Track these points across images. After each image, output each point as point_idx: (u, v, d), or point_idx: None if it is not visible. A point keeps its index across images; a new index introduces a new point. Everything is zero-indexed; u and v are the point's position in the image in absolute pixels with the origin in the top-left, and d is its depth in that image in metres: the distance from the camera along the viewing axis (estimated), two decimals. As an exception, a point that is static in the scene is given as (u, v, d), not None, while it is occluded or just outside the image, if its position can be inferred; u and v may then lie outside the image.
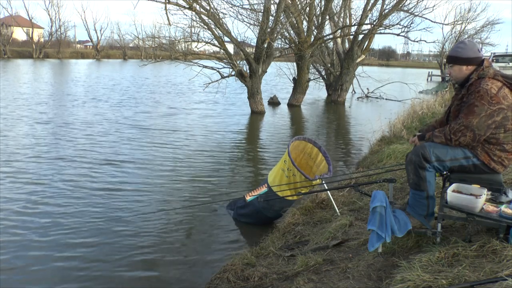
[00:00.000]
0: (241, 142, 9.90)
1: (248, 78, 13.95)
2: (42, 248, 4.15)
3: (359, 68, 20.02)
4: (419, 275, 2.24)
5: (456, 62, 2.80)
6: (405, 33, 17.74)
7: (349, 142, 10.53)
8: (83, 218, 4.88)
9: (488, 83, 2.64)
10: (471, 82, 2.72)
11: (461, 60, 2.78)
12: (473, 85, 2.70)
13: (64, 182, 6.08)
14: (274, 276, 3.18)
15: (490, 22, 35.76)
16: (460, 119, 2.68)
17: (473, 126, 2.62)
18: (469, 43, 2.87)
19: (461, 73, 2.80)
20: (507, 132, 2.67)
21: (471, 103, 2.64)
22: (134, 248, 4.23)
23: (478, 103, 2.61)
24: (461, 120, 2.67)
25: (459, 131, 2.66)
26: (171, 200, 5.61)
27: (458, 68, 2.80)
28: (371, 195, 2.84)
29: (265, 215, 4.83)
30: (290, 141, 4.92)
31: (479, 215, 2.53)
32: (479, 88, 2.64)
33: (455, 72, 2.83)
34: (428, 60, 79.63)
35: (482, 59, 2.76)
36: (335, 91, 19.29)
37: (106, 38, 62.63)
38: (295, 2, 15.83)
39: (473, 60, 2.75)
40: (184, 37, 14.52)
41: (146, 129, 10.45)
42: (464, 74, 2.79)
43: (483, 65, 2.74)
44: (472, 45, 2.82)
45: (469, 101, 2.66)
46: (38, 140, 8.64)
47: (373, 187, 4.89)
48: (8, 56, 45.28)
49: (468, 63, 2.76)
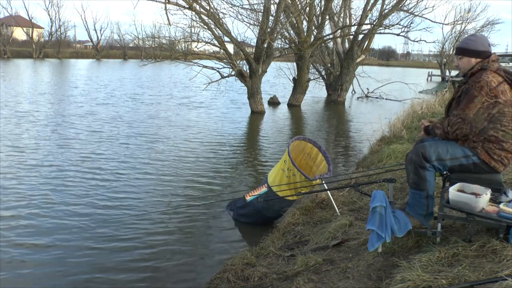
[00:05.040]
0: (241, 142, 9.90)
1: (248, 78, 13.95)
2: (42, 248, 4.15)
3: (359, 68, 20.03)
4: (419, 275, 2.23)
5: (465, 54, 2.82)
6: (405, 33, 17.79)
7: (349, 142, 10.53)
8: (82, 218, 4.87)
9: (489, 75, 2.67)
10: (472, 71, 2.76)
11: (470, 52, 2.79)
12: (474, 76, 2.73)
13: (64, 182, 6.08)
14: (274, 276, 3.18)
15: (490, 22, 35.83)
16: (458, 111, 2.72)
17: (470, 119, 2.66)
18: (480, 36, 2.92)
19: (469, 65, 2.81)
20: (504, 128, 2.67)
21: (471, 94, 2.67)
22: (134, 248, 4.22)
23: (477, 93, 2.64)
24: (459, 112, 2.71)
25: (456, 123, 2.71)
26: (171, 200, 5.61)
27: (467, 60, 2.81)
28: (371, 195, 2.84)
29: (265, 215, 4.83)
30: (290, 141, 4.92)
31: (479, 215, 2.53)
32: (479, 79, 2.66)
33: (463, 64, 2.84)
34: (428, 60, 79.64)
35: (490, 54, 2.78)
36: (335, 91, 19.29)
37: (106, 38, 62.71)
38: (295, 2, 15.83)
39: (481, 53, 2.77)
40: (184, 37, 14.53)
41: (145, 129, 10.44)
42: (472, 66, 2.81)
43: (489, 58, 2.75)
44: (482, 38, 2.85)
45: (468, 92, 2.69)
46: (37, 140, 8.64)
47: (373, 187, 4.89)
48: (8, 56, 45.27)
49: (477, 55, 2.78)
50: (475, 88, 2.65)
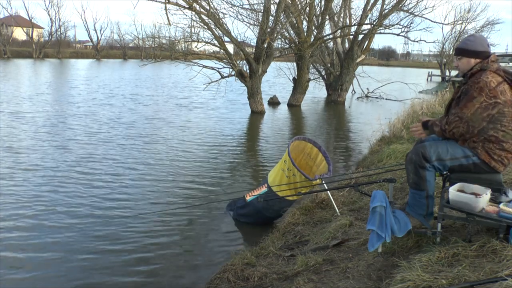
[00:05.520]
0: (241, 142, 9.90)
1: (248, 78, 13.95)
2: (41, 248, 4.14)
3: (359, 68, 20.04)
4: (419, 275, 2.23)
5: (464, 55, 2.83)
6: (405, 33, 17.80)
7: (349, 142, 10.53)
8: (82, 218, 4.87)
9: (488, 76, 2.67)
10: (472, 72, 2.77)
11: (470, 53, 2.80)
12: (474, 76, 2.74)
13: (64, 182, 6.08)
14: (274, 276, 3.18)
15: (490, 22, 35.87)
16: (456, 110, 2.73)
17: (467, 118, 2.66)
18: (479, 36, 2.92)
19: (468, 66, 2.82)
20: (504, 128, 2.67)
21: (470, 94, 2.67)
22: (134, 248, 4.22)
23: (476, 94, 2.64)
24: (457, 111, 2.71)
25: (453, 122, 2.71)
26: (171, 200, 5.61)
27: (467, 60, 2.82)
28: (371, 195, 2.84)
29: (265, 215, 4.83)
30: (290, 141, 4.92)
31: (479, 215, 2.53)
32: (479, 79, 2.67)
33: (463, 65, 2.85)
34: (428, 60, 79.66)
35: (489, 54, 2.79)
36: (335, 91, 19.30)
37: (106, 38, 62.70)
38: (295, 2, 15.83)
39: (481, 53, 2.78)
40: (184, 37, 14.54)
41: (144, 129, 10.45)
42: (472, 66, 2.81)
43: (488, 58, 2.76)
44: (481, 39, 2.86)
45: (468, 92, 2.69)
46: (36, 141, 8.64)
47: (373, 187, 4.89)
48: (8, 56, 45.27)
49: (476, 56, 2.78)
50: (474, 89, 2.66)
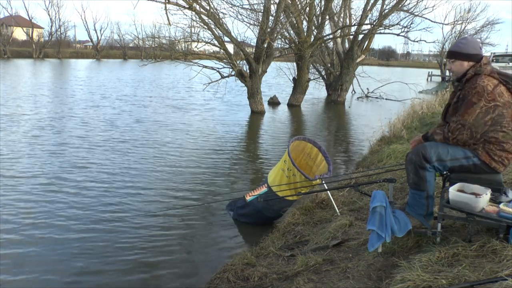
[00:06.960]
0: (241, 142, 9.90)
1: (248, 78, 13.95)
2: (38, 251, 4.14)
3: (359, 68, 20.03)
4: (419, 275, 2.23)
5: (457, 57, 2.84)
6: (405, 33, 17.79)
7: (349, 142, 10.53)
8: (82, 218, 4.87)
9: (484, 80, 2.68)
10: (467, 78, 2.78)
11: (462, 56, 2.81)
12: (469, 82, 2.75)
13: (63, 182, 6.08)
14: (274, 276, 3.18)
15: (490, 22, 35.93)
16: (457, 117, 2.73)
17: (469, 124, 2.67)
18: (471, 39, 2.92)
19: (462, 69, 2.83)
20: (504, 129, 2.68)
21: (469, 100, 2.68)
22: (134, 248, 4.22)
23: (475, 99, 2.65)
24: (459, 119, 2.72)
25: (457, 130, 2.71)
26: (171, 200, 5.61)
27: (459, 63, 2.83)
28: (371, 195, 2.84)
29: (265, 215, 4.83)
30: (290, 141, 4.91)
31: (479, 215, 2.53)
32: (475, 84, 2.68)
33: (456, 68, 2.86)
34: (428, 60, 79.65)
35: (481, 56, 2.80)
36: (335, 91, 19.30)
37: (106, 38, 62.65)
38: (295, 2, 15.83)
39: (473, 56, 2.79)
40: (184, 37, 14.54)
41: (144, 129, 10.44)
42: (465, 69, 2.83)
43: (481, 62, 2.76)
44: (473, 41, 2.87)
45: (466, 98, 2.70)
46: (35, 141, 8.65)
47: (373, 187, 4.89)
48: (8, 56, 45.27)
49: (468, 59, 2.80)
50: (472, 94, 2.67)
